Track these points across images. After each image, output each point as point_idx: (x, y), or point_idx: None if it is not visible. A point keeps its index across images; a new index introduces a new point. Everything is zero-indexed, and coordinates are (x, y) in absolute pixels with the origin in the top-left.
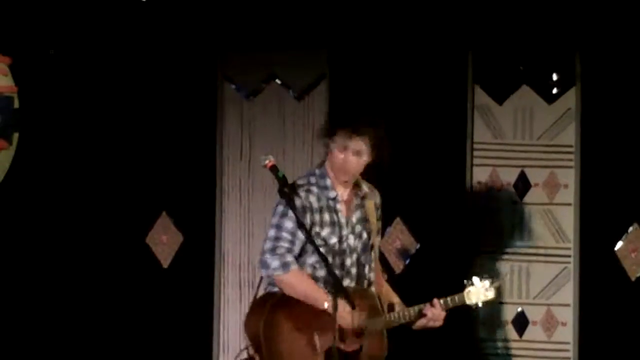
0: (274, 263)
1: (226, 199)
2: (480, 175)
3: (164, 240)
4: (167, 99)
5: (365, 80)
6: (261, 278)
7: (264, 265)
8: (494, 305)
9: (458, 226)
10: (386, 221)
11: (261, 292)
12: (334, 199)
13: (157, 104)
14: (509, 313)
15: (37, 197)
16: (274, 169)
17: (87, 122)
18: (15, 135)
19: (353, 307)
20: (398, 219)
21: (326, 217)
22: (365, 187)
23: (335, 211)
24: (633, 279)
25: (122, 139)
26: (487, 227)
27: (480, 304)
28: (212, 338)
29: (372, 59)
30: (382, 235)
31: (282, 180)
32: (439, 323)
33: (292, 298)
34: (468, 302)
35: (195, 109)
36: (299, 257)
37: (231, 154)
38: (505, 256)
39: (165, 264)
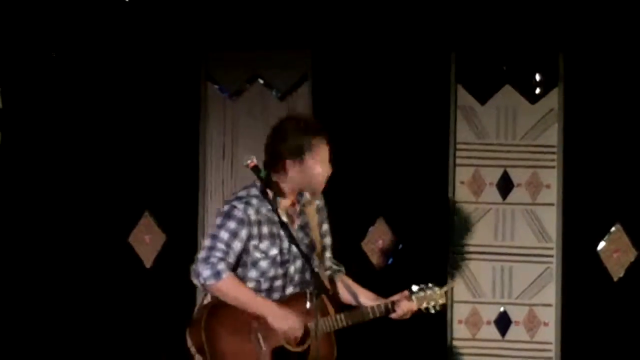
0: (205, 272)
1: (209, 198)
2: (463, 175)
3: (147, 240)
4: (150, 98)
5: (348, 80)
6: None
7: (195, 274)
8: (450, 306)
9: (441, 226)
10: (369, 221)
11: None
12: (275, 210)
13: (139, 103)
14: (491, 313)
15: (20, 197)
16: (256, 169)
17: (70, 122)
18: None
19: (335, 309)
20: (381, 219)
21: (264, 229)
22: (306, 194)
23: (275, 223)
24: (615, 279)
25: (104, 138)
26: (469, 227)
27: (431, 311)
28: None
29: (355, 59)
30: (365, 235)
31: (264, 180)
32: (408, 316)
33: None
34: (419, 306)
35: (178, 109)
36: (239, 270)
37: (214, 154)
38: (488, 256)
39: (148, 263)
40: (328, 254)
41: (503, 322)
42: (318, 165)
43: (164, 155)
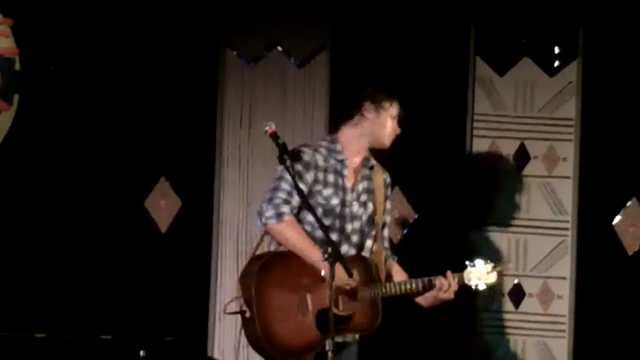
0: (268, 212)
1: (225, 165)
2: (479, 146)
3: (163, 205)
4: (169, 64)
5: (366, 51)
6: (262, 236)
7: (259, 213)
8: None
9: (456, 197)
10: None
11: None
12: (342, 162)
13: (158, 69)
14: (505, 285)
15: (36, 159)
16: (274, 136)
17: (88, 86)
18: (16, 97)
19: (350, 274)
20: (397, 189)
21: (330, 177)
22: (373, 160)
23: (341, 175)
24: (630, 253)
25: (122, 104)
26: (485, 199)
27: (480, 287)
28: (208, 304)
29: (373, 30)
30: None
31: (282, 148)
32: (449, 295)
33: (285, 257)
34: (467, 282)
35: (196, 75)
36: (299, 212)
37: (231, 121)
38: (503, 228)
39: (164, 228)
40: (386, 234)
41: (517, 295)
42: (391, 121)
43: (181, 121)
